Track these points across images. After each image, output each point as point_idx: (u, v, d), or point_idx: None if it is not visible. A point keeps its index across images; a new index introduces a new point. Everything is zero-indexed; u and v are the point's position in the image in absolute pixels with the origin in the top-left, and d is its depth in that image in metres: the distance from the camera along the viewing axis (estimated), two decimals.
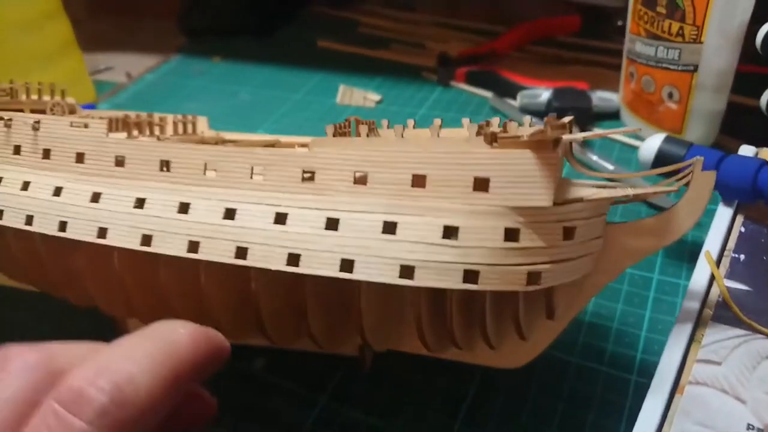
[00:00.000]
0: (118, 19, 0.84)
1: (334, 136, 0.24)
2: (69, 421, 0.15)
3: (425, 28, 0.69)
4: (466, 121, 0.25)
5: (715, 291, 0.26)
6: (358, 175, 0.23)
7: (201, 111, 0.37)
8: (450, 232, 0.21)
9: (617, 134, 0.22)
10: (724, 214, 0.30)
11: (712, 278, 0.27)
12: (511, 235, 0.21)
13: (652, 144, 0.32)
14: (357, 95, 0.57)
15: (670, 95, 0.41)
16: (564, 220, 0.21)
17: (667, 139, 0.31)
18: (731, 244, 0.29)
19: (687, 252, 0.37)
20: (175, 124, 0.30)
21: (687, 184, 0.23)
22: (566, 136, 0.22)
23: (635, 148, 0.43)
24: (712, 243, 0.28)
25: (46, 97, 0.35)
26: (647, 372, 0.24)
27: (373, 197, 0.22)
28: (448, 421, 0.29)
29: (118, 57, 0.73)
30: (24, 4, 0.54)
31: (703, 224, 0.38)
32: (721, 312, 0.25)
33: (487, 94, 0.54)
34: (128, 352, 0.17)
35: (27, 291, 0.35)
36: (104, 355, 0.17)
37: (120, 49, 0.75)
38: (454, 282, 0.21)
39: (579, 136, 0.23)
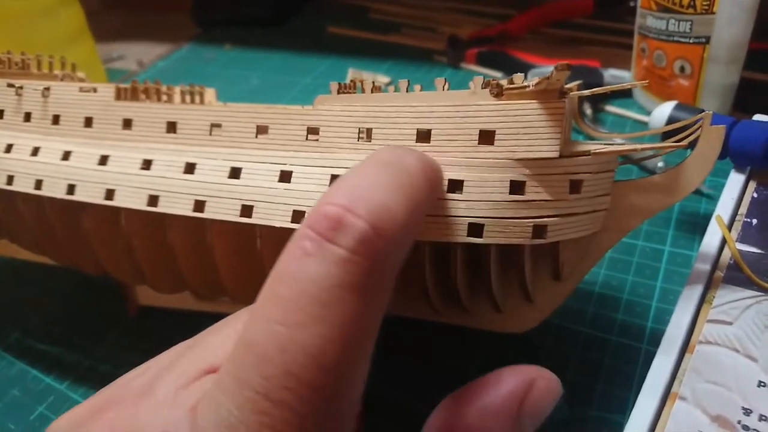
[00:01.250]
0: (132, 12, 0.84)
1: (338, 93, 0.24)
2: (328, 249, 0.14)
3: (437, 12, 0.68)
4: (475, 80, 0.25)
5: (726, 254, 0.26)
6: (362, 131, 0.23)
7: None
8: (455, 185, 0.21)
9: (624, 87, 0.22)
10: (736, 180, 0.29)
11: (724, 242, 0.26)
12: (516, 187, 0.21)
13: (662, 111, 0.31)
14: (366, 79, 0.57)
15: (682, 69, 0.40)
16: (571, 173, 0.21)
17: (677, 106, 0.31)
18: (743, 209, 0.28)
19: (699, 225, 0.36)
20: (182, 93, 0.30)
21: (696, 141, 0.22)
22: (574, 92, 0.21)
23: (647, 125, 0.43)
24: (723, 208, 0.28)
25: (57, 72, 0.35)
26: (658, 341, 0.23)
27: None
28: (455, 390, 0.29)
29: (130, 46, 0.74)
30: None
31: (715, 197, 0.38)
32: (733, 274, 0.25)
33: (497, 74, 0.53)
34: (374, 181, 0.16)
35: (36, 265, 0.35)
36: (349, 182, 0.16)
37: (132, 39, 0.76)
38: (458, 236, 0.21)
39: (586, 92, 0.22)
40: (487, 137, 0.21)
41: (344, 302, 0.14)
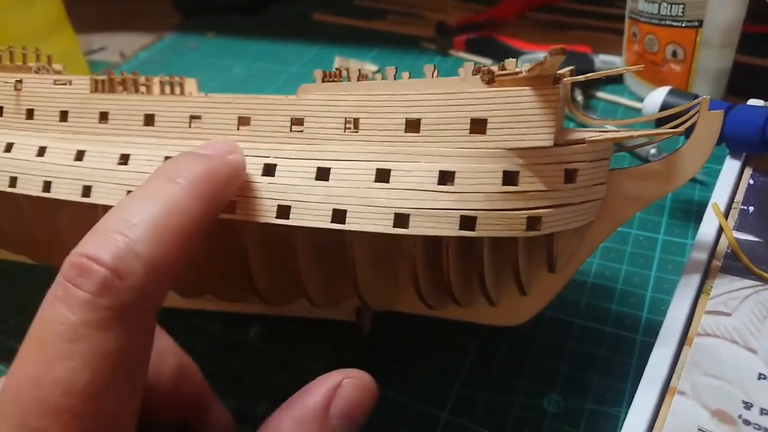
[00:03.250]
0: (112, 2, 0.82)
1: (323, 82, 0.23)
2: (74, 293, 0.16)
3: None
4: (465, 66, 0.24)
5: (723, 243, 0.25)
6: (348, 121, 0.22)
7: None
8: (446, 177, 0.20)
9: (619, 72, 0.21)
10: (731, 166, 0.29)
11: (720, 230, 0.26)
12: (509, 178, 0.20)
13: (656, 97, 0.31)
14: (353, 66, 0.56)
15: (674, 54, 0.40)
16: (565, 162, 0.20)
17: (671, 92, 0.30)
18: (739, 196, 0.27)
19: (693, 212, 0.36)
20: (161, 84, 0.29)
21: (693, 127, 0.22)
22: (568, 78, 0.21)
23: (639, 111, 0.42)
24: (719, 196, 0.27)
25: (32, 64, 0.34)
26: (653, 331, 0.23)
27: (364, 144, 0.21)
28: (448, 386, 0.28)
29: (112, 37, 0.72)
30: None
31: (709, 184, 0.37)
32: (730, 263, 0.24)
33: (487, 61, 0.52)
34: (127, 219, 0.18)
35: (15, 261, 0.34)
36: (101, 225, 0.18)
37: (114, 30, 0.74)
38: (450, 229, 0.20)
39: (580, 77, 0.22)
40: (478, 126, 0.20)
41: (89, 338, 0.16)
